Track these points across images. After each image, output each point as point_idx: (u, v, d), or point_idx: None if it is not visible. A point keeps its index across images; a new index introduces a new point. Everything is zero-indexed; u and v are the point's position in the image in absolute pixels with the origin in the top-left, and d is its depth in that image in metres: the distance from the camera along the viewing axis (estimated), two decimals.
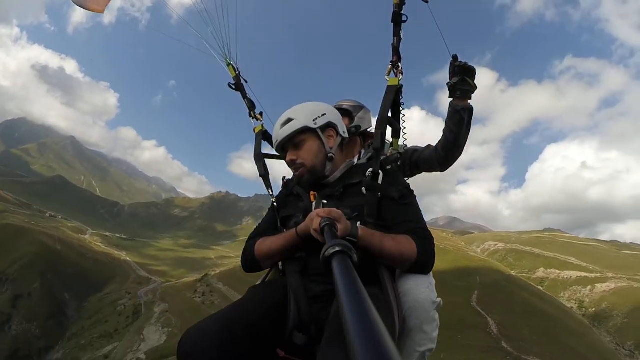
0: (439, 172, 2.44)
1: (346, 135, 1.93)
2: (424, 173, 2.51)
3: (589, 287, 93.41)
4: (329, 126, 1.85)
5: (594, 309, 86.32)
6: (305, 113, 1.83)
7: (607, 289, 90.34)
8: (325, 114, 1.85)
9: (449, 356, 33.80)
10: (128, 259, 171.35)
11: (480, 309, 66.77)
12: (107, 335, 77.03)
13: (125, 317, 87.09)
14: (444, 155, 2.24)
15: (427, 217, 1.94)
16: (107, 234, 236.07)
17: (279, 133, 1.84)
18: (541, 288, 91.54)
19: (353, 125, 2.40)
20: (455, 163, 2.30)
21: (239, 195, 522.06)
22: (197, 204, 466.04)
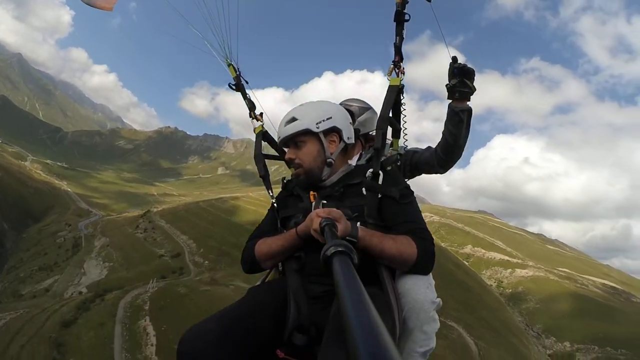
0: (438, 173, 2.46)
1: (351, 141, 1.88)
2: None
3: (509, 270, 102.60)
4: (333, 131, 1.82)
5: (510, 290, 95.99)
6: (310, 114, 1.80)
7: (525, 275, 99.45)
8: (331, 118, 1.80)
9: None
10: (69, 189, 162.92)
11: None
12: (46, 268, 73.98)
13: (65, 249, 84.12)
14: (444, 157, 2.24)
15: None
16: (48, 161, 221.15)
17: (281, 130, 1.85)
18: (466, 263, 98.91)
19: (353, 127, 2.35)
20: (406, 135, 2.27)
21: (188, 133, 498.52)
22: (143, 137, 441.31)
